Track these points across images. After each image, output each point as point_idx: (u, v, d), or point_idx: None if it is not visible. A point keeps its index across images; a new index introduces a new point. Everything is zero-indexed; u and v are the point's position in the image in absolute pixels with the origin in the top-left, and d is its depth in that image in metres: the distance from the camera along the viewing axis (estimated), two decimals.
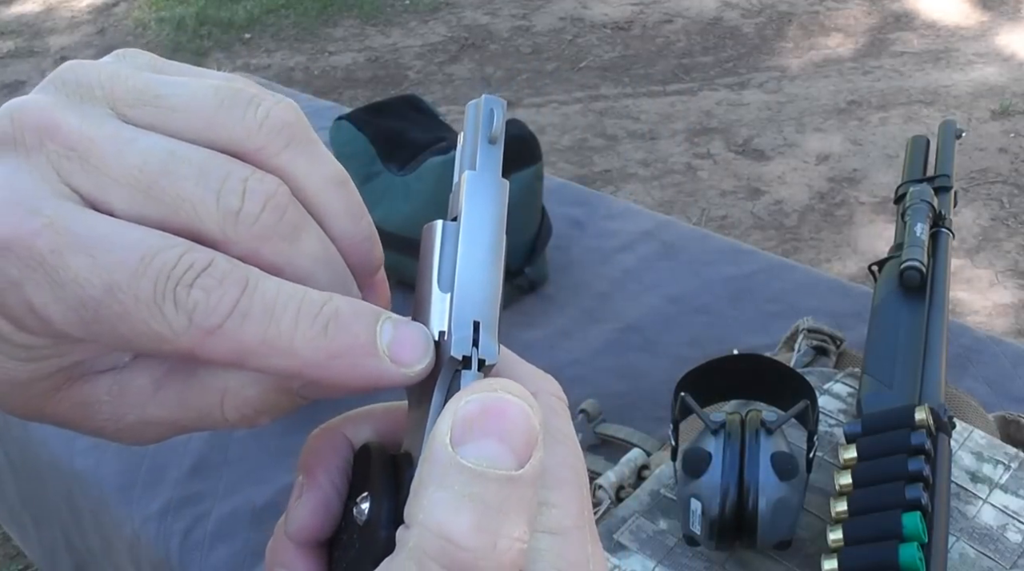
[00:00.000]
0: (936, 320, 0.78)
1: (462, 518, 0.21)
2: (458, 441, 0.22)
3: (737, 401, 0.79)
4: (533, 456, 0.22)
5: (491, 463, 0.21)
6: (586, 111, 3.19)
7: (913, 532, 0.60)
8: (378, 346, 0.24)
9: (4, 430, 1.13)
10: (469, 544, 0.21)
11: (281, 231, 0.24)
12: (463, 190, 0.26)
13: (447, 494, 0.21)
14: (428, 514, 0.21)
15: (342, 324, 0.24)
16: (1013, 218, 2.51)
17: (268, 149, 0.25)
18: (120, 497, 0.93)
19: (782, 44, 3.57)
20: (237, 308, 0.23)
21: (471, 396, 0.22)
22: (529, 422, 0.22)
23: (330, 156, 0.26)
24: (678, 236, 1.24)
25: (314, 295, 0.24)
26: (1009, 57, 3.34)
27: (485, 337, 0.25)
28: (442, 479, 0.21)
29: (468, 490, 0.21)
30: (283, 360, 0.23)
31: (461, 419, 0.22)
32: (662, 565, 0.68)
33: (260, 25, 4.06)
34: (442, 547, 0.21)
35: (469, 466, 0.21)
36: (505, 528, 0.21)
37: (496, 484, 0.21)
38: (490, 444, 0.22)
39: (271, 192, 0.24)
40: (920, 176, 0.95)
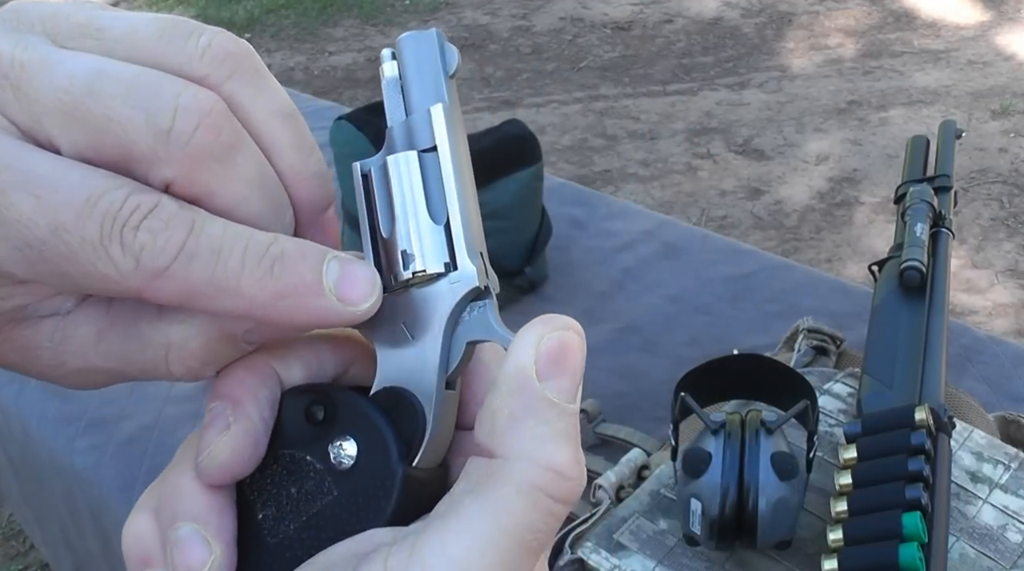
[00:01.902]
0: (936, 320, 0.78)
1: (566, 452, 0.22)
2: (543, 376, 0.23)
3: (737, 401, 0.79)
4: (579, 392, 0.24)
5: (567, 398, 0.23)
6: (586, 111, 3.19)
7: (913, 532, 0.60)
8: (324, 285, 0.24)
9: (4, 429, 1.13)
10: (574, 474, 0.22)
11: (216, 152, 0.23)
12: (439, 122, 0.26)
13: (548, 429, 0.22)
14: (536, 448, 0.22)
15: (288, 264, 0.24)
16: (1013, 218, 2.51)
17: (211, 78, 0.24)
18: (120, 497, 0.93)
19: (782, 44, 3.57)
20: (184, 250, 0.23)
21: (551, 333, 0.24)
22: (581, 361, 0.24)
23: (278, 88, 0.26)
24: (678, 236, 1.24)
25: (260, 236, 0.24)
26: (1009, 57, 3.34)
27: (491, 269, 0.26)
28: (539, 414, 0.23)
29: (561, 424, 0.23)
30: (231, 301, 0.23)
31: (545, 354, 0.23)
32: (662, 565, 0.68)
33: (260, 25, 4.06)
34: (552, 479, 0.22)
35: (557, 401, 0.23)
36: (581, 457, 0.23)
37: (573, 419, 0.23)
38: (566, 381, 0.23)
39: (205, 109, 0.23)
40: (920, 176, 0.95)
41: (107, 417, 1.01)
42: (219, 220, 0.23)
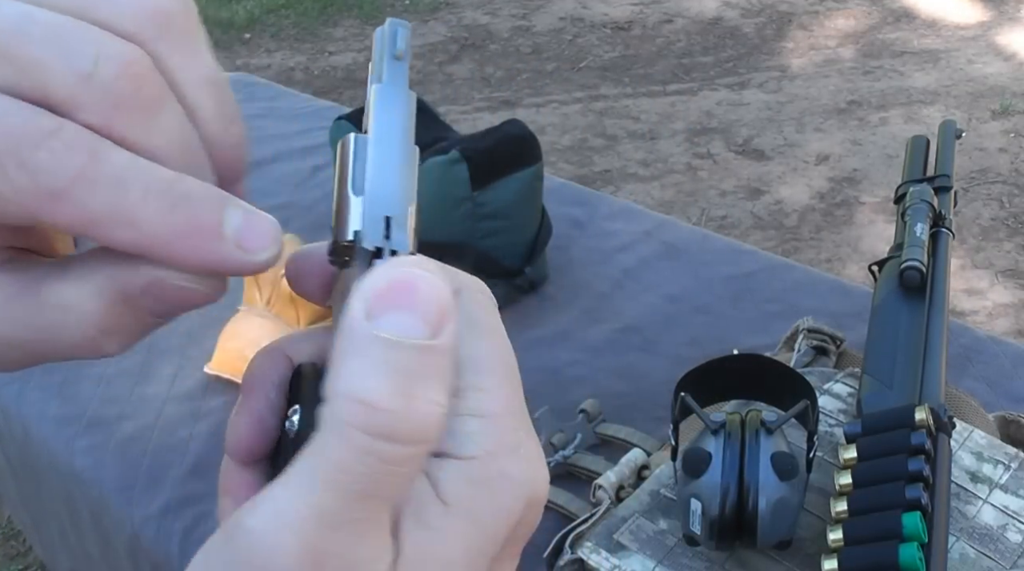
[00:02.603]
0: (936, 320, 0.78)
1: (380, 382, 0.21)
2: (373, 315, 0.21)
3: (737, 401, 0.79)
4: (446, 327, 0.22)
5: (405, 333, 0.21)
6: (586, 111, 3.19)
7: (913, 532, 0.60)
8: (225, 229, 0.24)
9: (4, 430, 1.13)
10: (388, 405, 0.21)
11: (138, 103, 0.23)
12: (371, 101, 0.27)
13: (365, 362, 0.21)
14: (346, 382, 0.21)
15: (191, 203, 0.23)
16: (1013, 218, 2.51)
17: (139, 36, 0.24)
18: (120, 497, 0.93)
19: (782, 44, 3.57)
20: (84, 173, 0.22)
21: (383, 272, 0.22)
22: (440, 293, 0.22)
23: (208, 52, 0.25)
24: (678, 236, 1.24)
25: (165, 172, 0.23)
26: (1009, 57, 3.34)
27: (396, 231, 0.26)
28: (359, 350, 0.21)
29: (384, 357, 0.21)
30: (128, 232, 0.23)
31: (373, 294, 0.22)
32: (662, 565, 0.68)
33: (260, 25, 4.06)
34: (362, 412, 0.21)
35: (385, 336, 0.21)
36: (421, 391, 0.21)
37: (412, 351, 0.21)
38: (403, 315, 0.22)
39: (128, 59, 0.23)
40: (920, 176, 0.95)
41: (107, 417, 1.01)
42: (125, 151, 0.23)
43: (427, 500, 0.23)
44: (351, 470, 0.21)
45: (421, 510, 0.23)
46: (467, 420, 0.24)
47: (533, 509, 0.25)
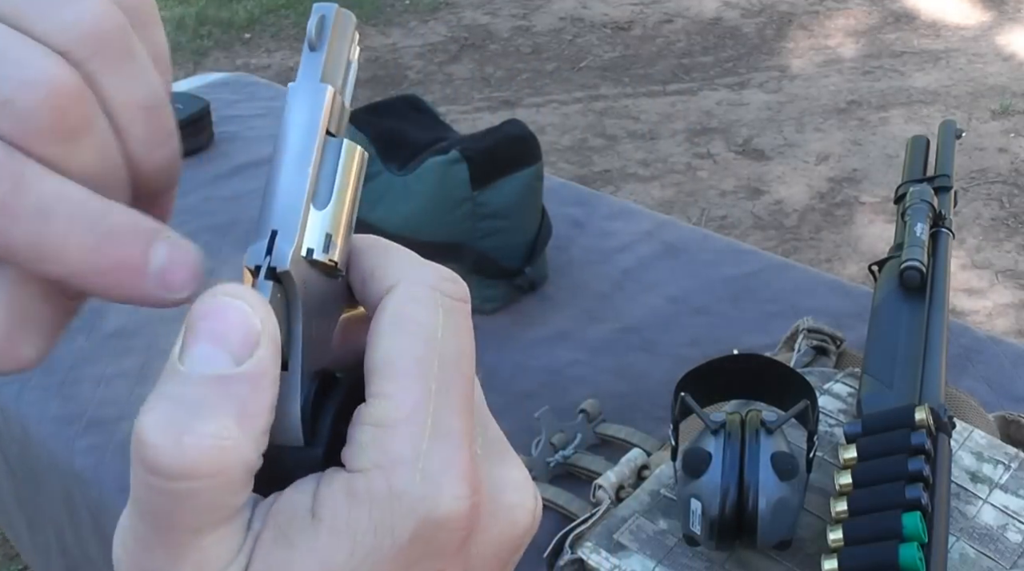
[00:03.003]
0: (936, 320, 0.78)
1: (151, 416, 0.21)
2: (182, 349, 0.22)
3: (737, 401, 0.79)
4: (254, 354, 0.22)
5: (202, 364, 0.21)
6: (586, 111, 3.19)
7: (913, 532, 0.60)
8: (149, 268, 0.23)
9: (4, 430, 1.13)
10: (151, 440, 0.20)
11: (58, 131, 0.22)
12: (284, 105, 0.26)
13: (154, 396, 0.21)
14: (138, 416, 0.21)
15: (117, 240, 0.23)
16: (1013, 218, 2.51)
17: (74, 54, 0.22)
18: (120, 497, 0.93)
19: (782, 44, 3.57)
20: (5, 204, 0.21)
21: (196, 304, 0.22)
22: (246, 320, 0.22)
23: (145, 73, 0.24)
24: (678, 236, 1.24)
25: (93, 203, 0.22)
26: (1009, 57, 3.34)
27: (281, 245, 0.25)
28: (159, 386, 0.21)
29: (167, 390, 0.21)
30: (51, 266, 0.22)
31: (186, 326, 0.22)
32: (662, 565, 0.68)
33: (260, 25, 4.06)
34: (138, 447, 0.21)
35: (179, 368, 0.21)
36: (197, 425, 0.21)
37: (198, 383, 0.21)
38: (203, 347, 0.22)
39: (54, 86, 0.21)
40: (920, 176, 0.95)
41: (107, 417, 1.01)
42: (53, 178, 0.22)
43: (297, 512, 0.23)
44: (143, 501, 0.22)
45: (287, 522, 0.23)
46: (364, 429, 0.23)
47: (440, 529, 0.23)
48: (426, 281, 0.25)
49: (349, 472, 0.23)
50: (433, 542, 0.23)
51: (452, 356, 0.24)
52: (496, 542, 0.25)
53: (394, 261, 0.26)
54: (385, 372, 0.24)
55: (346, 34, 0.26)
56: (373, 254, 0.26)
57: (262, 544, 0.23)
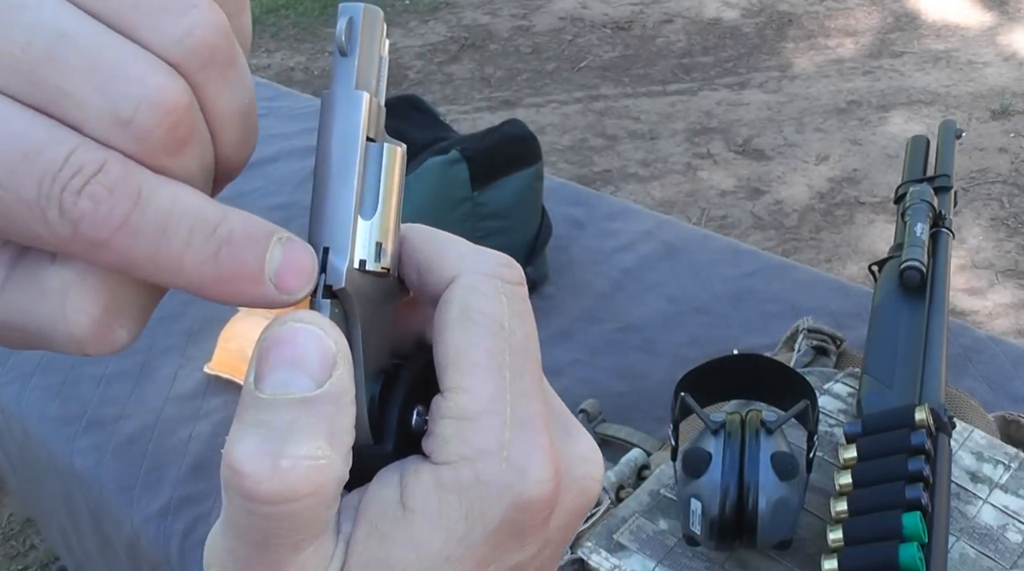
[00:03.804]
0: (936, 320, 0.78)
1: (243, 445, 0.21)
2: (258, 378, 0.22)
3: (737, 401, 0.79)
4: (333, 374, 0.22)
5: (282, 389, 0.22)
6: (586, 111, 3.19)
7: (913, 532, 0.60)
8: (265, 274, 0.23)
9: (4, 429, 1.13)
10: (247, 469, 0.21)
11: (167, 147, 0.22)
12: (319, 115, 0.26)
13: (238, 426, 0.22)
14: (226, 447, 0.22)
15: (234, 250, 0.23)
16: (1013, 218, 2.51)
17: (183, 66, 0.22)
18: (120, 497, 0.93)
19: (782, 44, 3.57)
20: (127, 223, 0.21)
21: (264, 333, 0.23)
22: (320, 342, 0.22)
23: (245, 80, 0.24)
24: (678, 236, 1.24)
25: (210, 213, 0.22)
26: (1009, 57, 3.34)
27: (334, 261, 0.25)
28: (240, 414, 0.22)
29: (256, 418, 0.22)
30: (170, 278, 0.22)
31: (258, 355, 0.22)
32: (662, 565, 0.68)
33: (260, 25, 4.06)
34: (233, 477, 0.21)
35: (262, 397, 0.22)
36: (290, 448, 0.21)
37: (285, 408, 0.22)
38: (282, 372, 0.22)
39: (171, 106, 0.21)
40: (920, 176, 0.95)
41: (107, 417, 1.01)
42: (168, 188, 0.22)
43: (387, 507, 0.24)
44: (240, 525, 0.22)
45: (378, 516, 0.24)
46: (445, 423, 0.24)
47: (527, 511, 0.24)
48: (486, 270, 0.26)
49: (435, 464, 0.24)
50: (519, 524, 0.24)
51: (520, 343, 0.25)
52: (569, 513, 0.26)
53: (450, 252, 0.26)
54: (459, 366, 0.24)
55: (375, 33, 0.26)
56: (427, 245, 0.27)
57: (356, 542, 0.23)
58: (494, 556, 0.24)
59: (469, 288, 0.25)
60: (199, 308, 1.14)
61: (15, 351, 1.12)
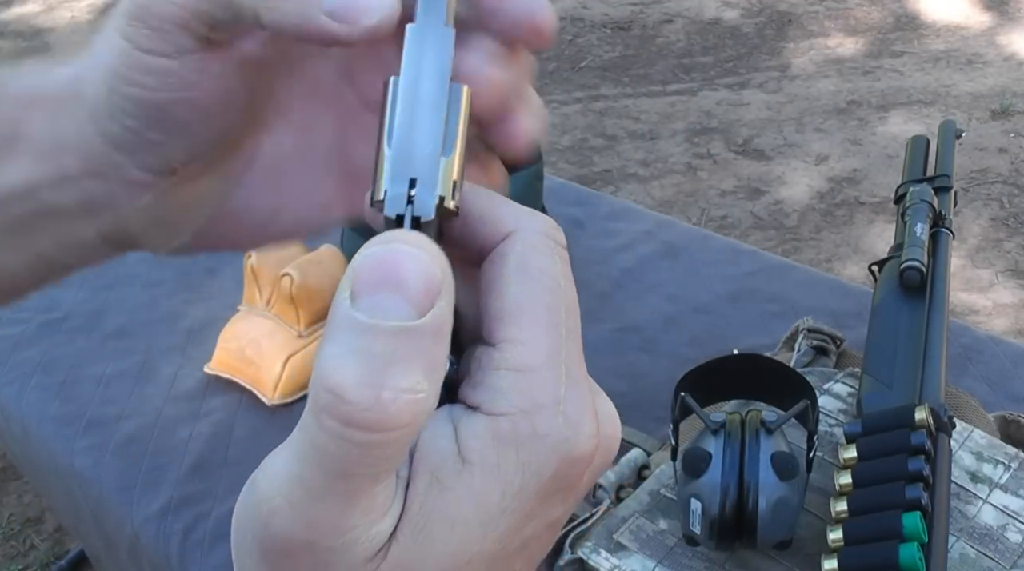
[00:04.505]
0: (936, 320, 0.78)
1: (347, 371, 0.21)
2: (355, 296, 0.21)
3: (737, 401, 0.79)
4: (435, 305, 0.22)
5: (384, 315, 0.21)
6: (586, 111, 3.19)
7: (913, 532, 0.60)
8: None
9: (4, 429, 1.13)
10: (351, 397, 0.21)
11: None
12: (405, 43, 0.25)
13: (337, 349, 0.21)
14: (319, 369, 0.21)
15: None
16: (1013, 218, 2.51)
17: None
18: (120, 497, 0.93)
19: (782, 44, 3.57)
20: None
21: (366, 250, 0.22)
22: (427, 270, 0.22)
23: None
24: (678, 236, 1.24)
25: None
26: (1009, 57, 3.34)
27: (422, 192, 0.25)
28: (337, 334, 0.21)
29: (356, 343, 0.21)
30: None
31: (357, 274, 0.22)
32: (662, 565, 0.68)
33: None
34: (331, 400, 0.21)
35: (361, 319, 0.21)
36: (392, 379, 0.21)
37: (386, 336, 0.21)
38: (384, 296, 0.21)
39: None
40: (920, 176, 0.95)
41: (107, 417, 1.01)
42: None
43: (446, 457, 0.23)
44: (327, 452, 0.21)
45: (437, 467, 0.23)
46: (502, 374, 0.24)
47: (576, 466, 0.24)
48: (541, 229, 0.26)
49: (490, 416, 0.24)
50: (567, 479, 0.24)
51: (572, 303, 0.26)
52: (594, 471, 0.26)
53: (506, 207, 0.27)
54: (517, 319, 0.24)
55: None
56: (483, 197, 0.27)
57: (416, 490, 0.23)
58: (540, 510, 0.24)
59: (528, 244, 0.26)
60: (199, 308, 1.14)
61: (15, 351, 1.12)
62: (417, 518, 0.23)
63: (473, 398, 0.24)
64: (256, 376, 1.00)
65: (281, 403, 0.99)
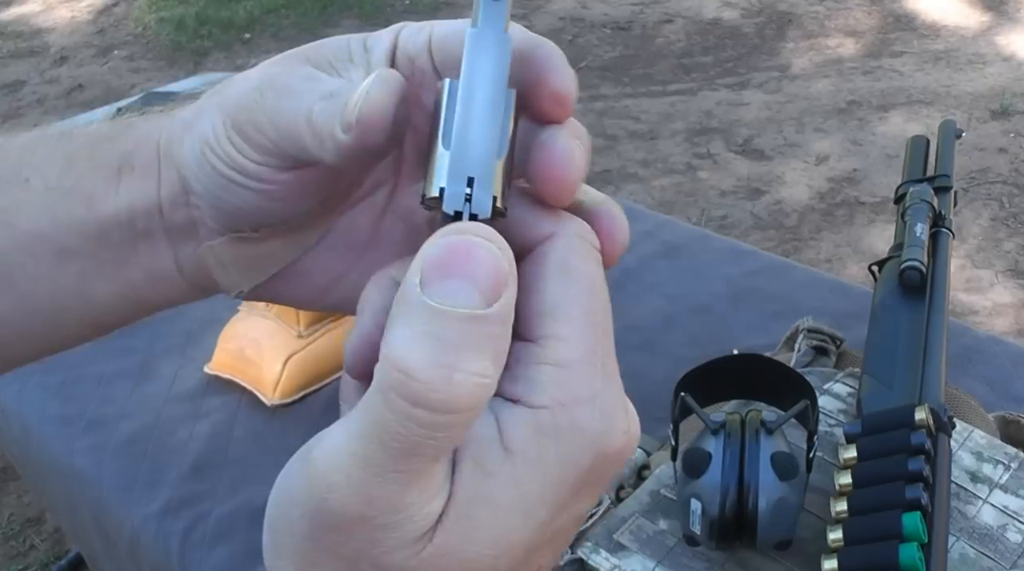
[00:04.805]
0: (936, 320, 0.78)
1: (419, 353, 0.22)
2: (426, 282, 0.22)
3: (737, 401, 0.79)
4: (502, 296, 0.22)
5: (455, 302, 0.22)
6: (586, 111, 3.19)
7: (913, 532, 0.60)
8: None
9: (4, 429, 1.13)
10: (423, 377, 0.21)
11: None
12: (465, 47, 0.26)
13: (409, 331, 0.22)
14: (391, 349, 0.22)
15: None
16: (1013, 218, 2.51)
17: None
18: (120, 497, 0.93)
19: (782, 44, 3.57)
20: None
21: (439, 239, 0.23)
22: (496, 262, 0.23)
23: None
24: (678, 236, 1.24)
25: None
26: (1009, 57, 3.34)
27: (479, 191, 0.25)
28: (407, 317, 0.22)
29: (428, 327, 0.22)
30: None
31: (429, 261, 0.23)
32: (662, 565, 0.68)
33: (260, 25, 4.06)
34: (401, 379, 0.22)
35: (432, 305, 0.22)
36: (462, 363, 0.22)
37: (457, 322, 0.22)
38: (455, 283, 0.22)
39: None
40: (920, 176, 0.95)
41: (107, 417, 1.01)
42: None
43: (489, 445, 0.24)
44: (392, 430, 0.22)
45: (482, 455, 0.24)
46: (542, 369, 0.25)
47: (607, 460, 0.25)
48: (579, 232, 0.27)
49: (531, 408, 0.24)
50: (598, 471, 0.26)
51: (606, 304, 0.27)
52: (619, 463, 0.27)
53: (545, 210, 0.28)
54: (557, 316, 0.25)
55: None
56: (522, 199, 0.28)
57: (461, 474, 0.24)
58: (572, 503, 0.25)
59: (568, 247, 0.27)
60: (199, 308, 1.14)
61: None
62: (463, 502, 0.24)
63: (513, 391, 0.25)
64: (256, 376, 1.00)
65: (281, 403, 0.99)
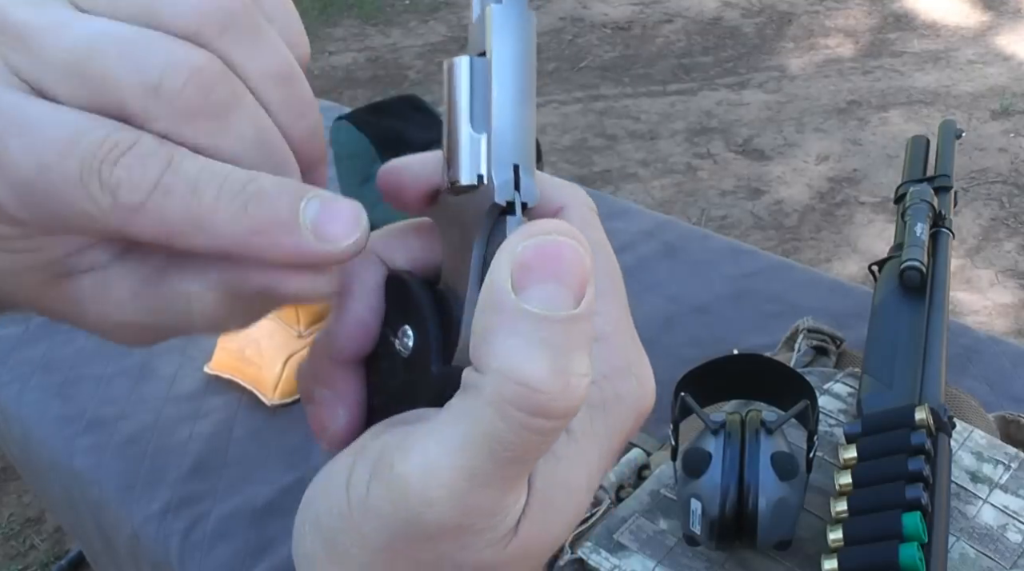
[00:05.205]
0: (936, 320, 0.78)
1: (538, 363, 0.21)
2: (520, 286, 0.22)
3: (737, 401, 0.79)
4: (588, 292, 0.22)
5: (554, 305, 0.22)
6: (586, 111, 3.19)
7: (913, 532, 0.60)
8: (300, 222, 0.24)
9: (4, 430, 1.13)
10: (546, 387, 0.21)
11: (207, 109, 0.24)
12: (490, 25, 0.25)
13: (519, 341, 0.21)
14: (504, 361, 0.21)
15: (263, 200, 0.24)
16: (1013, 218, 2.51)
17: (201, 35, 0.24)
18: (120, 497, 0.93)
19: (782, 44, 3.57)
20: (159, 185, 0.23)
21: (526, 241, 0.22)
22: (582, 260, 0.22)
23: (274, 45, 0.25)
24: (678, 236, 1.24)
25: (238, 173, 0.24)
26: (1009, 57, 3.34)
27: (526, 180, 0.25)
28: (511, 326, 0.22)
29: (538, 335, 0.21)
30: (206, 238, 0.24)
31: (519, 264, 0.22)
32: (662, 565, 0.68)
33: None
34: (521, 392, 0.21)
35: (534, 311, 0.21)
36: (573, 366, 0.22)
37: (560, 325, 0.22)
38: (550, 287, 0.22)
39: (195, 66, 0.23)
40: (920, 176, 0.95)
41: (107, 417, 1.01)
42: (198, 157, 0.24)
43: None
44: (505, 440, 0.22)
45: None
46: None
47: (641, 418, 0.26)
48: (586, 202, 0.27)
49: None
50: (631, 434, 0.26)
51: (620, 272, 0.27)
52: None
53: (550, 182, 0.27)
54: None
55: None
56: None
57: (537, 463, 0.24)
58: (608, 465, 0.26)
59: (580, 218, 0.27)
60: None
61: (15, 351, 1.12)
62: (542, 491, 0.24)
63: None
64: (256, 376, 1.00)
65: (281, 403, 0.99)
